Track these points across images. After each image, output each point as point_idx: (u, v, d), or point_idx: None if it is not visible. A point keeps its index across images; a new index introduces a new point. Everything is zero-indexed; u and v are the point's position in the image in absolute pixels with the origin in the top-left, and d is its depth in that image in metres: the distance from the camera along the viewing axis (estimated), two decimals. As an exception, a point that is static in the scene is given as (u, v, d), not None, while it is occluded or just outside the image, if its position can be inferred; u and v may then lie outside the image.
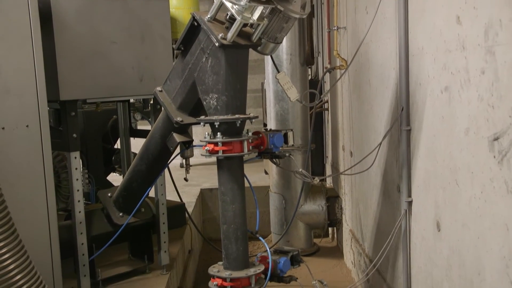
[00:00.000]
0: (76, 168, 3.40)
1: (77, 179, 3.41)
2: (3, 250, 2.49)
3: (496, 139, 2.18)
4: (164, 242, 3.95)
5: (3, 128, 2.78)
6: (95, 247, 3.61)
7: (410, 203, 3.33)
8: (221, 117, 2.79)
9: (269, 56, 3.33)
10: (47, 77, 3.00)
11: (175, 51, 3.55)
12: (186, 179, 6.08)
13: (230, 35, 2.76)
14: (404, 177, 3.34)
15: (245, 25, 2.79)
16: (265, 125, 6.86)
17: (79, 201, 3.44)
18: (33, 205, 2.95)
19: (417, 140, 3.17)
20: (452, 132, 2.65)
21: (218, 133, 2.81)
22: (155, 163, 3.41)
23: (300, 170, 3.25)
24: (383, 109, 3.87)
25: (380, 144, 3.63)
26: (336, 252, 6.19)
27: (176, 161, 3.81)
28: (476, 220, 2.40)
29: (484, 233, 2.34)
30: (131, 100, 5.13)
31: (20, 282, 2.52)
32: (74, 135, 3.38)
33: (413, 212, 3.31)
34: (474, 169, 2.40)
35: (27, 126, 2.88)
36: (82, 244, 3.46)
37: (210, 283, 2.90)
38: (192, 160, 6.53)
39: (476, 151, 2.37)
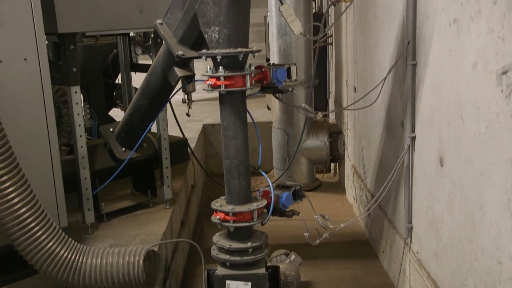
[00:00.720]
0: (77, 103, 3.37)
1: (78, 114, 3.38)
2: (7, 184, 2.51)
3: (504, 72, 2.12)
4: (167, 177, 3.97)
5: (0, 61, 2.73)
6: (98, 181, 3.63)
7: (413, 139, 3.32)
8: (223, 50, 2.73)
9: (272, -13, 3.22)
10: (44, 9, 2.91)
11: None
12: (188, 114, 6.07)
13: (232, -36, 2.65)
14: (408, 113, 3.31)
15: (247, -47, 2.68)
16: (268, 60, 6.76)
17: (81, 136, 3.43)
18: (35, 139, 2.94)
19: (422, 74, 3.12)
20: (459, 66, 2.59)
21: (220, 67, 2.75)
22: (156, 98, 3.37)
23: (303, 105, 3.21)
24: (388, 43, 3.78)
25: (385, 79, 3.57)
26: (338, 187, 6.25)
27: (178, 97, 3.77)
28: (480, 155, 2.39)
29: (487, 168, 2.33)
30: (131, 34, 5.04)
31: (25, 215, 2.55)
32: (74, 69, 3.33)
33: (416, 147, 3.29)
34: (480, 104, 2.36)
35: (25, 59, 2.83)
36: (85, 178, 3.48)
37: (212, 217, 2.93)
38: (194, 96, 6.48)
39: (483, 85, 2.32)
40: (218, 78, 2.75)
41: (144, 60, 5.23)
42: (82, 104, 4.23)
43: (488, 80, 2.27)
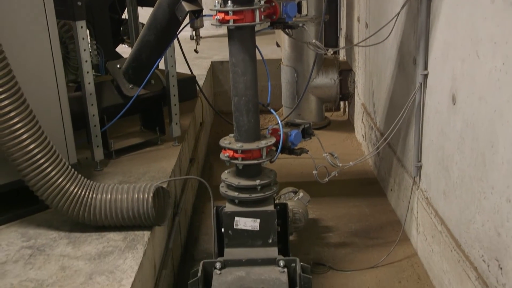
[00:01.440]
0: (83, 38, 3.31)
1: (84, 50, 3.33)
2: (15, 120, 2.50)
3: (525, 6, 2.04)
4: (175, 114, 3.95)
5: (2, -7, 2.67)
6: (107, 118, 3.62)
7: (425, 76, 3.25)
8: (232, -17, 2.64)
9: None
10: None
11: None
12: (196, 51, 5.96)
13: None
14: (421, 49, 3.23)
15: None
16: (277, -5, 6.56)
17: (88, 72, 3.38)
18: (41, 76, 2.90)
19: (438, 9, 3.01)
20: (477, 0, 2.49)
21: (229, 1, 2.67)
22: (163, 33, 3.30)
23: (314, 41, 3.14)
24: (403, -23, 3.65)
25: (398, 14, 3.47)
26: (347, 125, 6.22)
27: (185, 33, 3.68)
28: (495, 93, 2.34)
29: (501, 106, 2.28)
30: (137, -33, 4.89)
31: (34, 151, 2.56)
32: (79, 2, 3.24)
33: (428, 85, 3.23)
34: (498, 39, 2.28)
35: (27, -9, 2.76)
36: (93, 115, 3.47)
37: (221, 155, 2.93)
38: (202, 32, 6.35)
39: (502, 19, 2.24)
40: (226, 13, 2.68)
41: (150, -6, 5.08)
42: (89, 39, 4.15)
43: (507, 13, 2.18)
